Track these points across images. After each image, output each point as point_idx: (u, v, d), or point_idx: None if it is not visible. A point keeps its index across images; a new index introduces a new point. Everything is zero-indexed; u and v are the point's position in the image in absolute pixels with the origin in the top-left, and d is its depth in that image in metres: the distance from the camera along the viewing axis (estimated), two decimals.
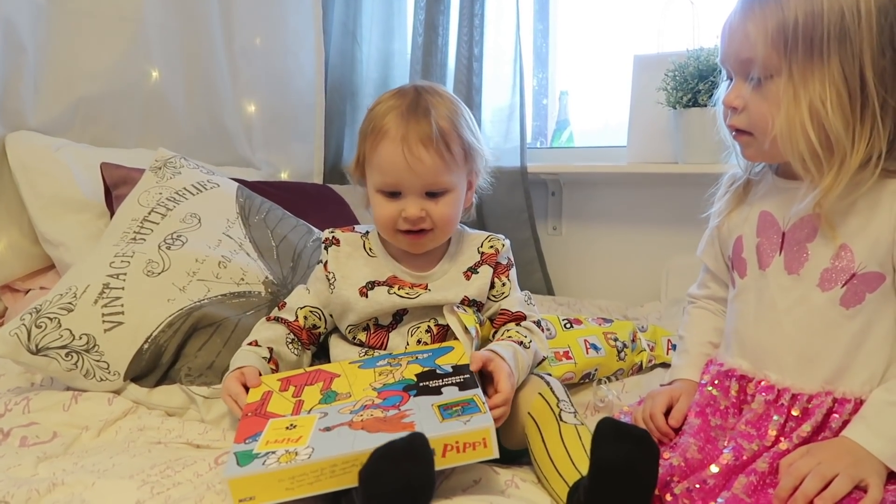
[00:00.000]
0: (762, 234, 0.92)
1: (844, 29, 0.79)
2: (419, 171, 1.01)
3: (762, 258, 0.91)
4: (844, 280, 0.84)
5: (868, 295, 0.84)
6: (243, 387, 0.99)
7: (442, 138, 1.01)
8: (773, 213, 0.91)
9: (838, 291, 0.84)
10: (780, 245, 0.89)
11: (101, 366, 1.13)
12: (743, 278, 0.94)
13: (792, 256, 0.88)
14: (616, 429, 0.77)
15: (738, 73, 0.88)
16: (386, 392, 0.92)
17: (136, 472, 0.91)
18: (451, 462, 0.79)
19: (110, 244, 1.27)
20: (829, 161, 0.82)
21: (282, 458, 0.78)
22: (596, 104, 2.24)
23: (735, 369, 0.92)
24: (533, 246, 2.06)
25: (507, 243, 1.14)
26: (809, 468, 0.77)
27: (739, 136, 0.91)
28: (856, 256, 0.83)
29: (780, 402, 0.86)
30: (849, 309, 0.84)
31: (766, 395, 0.87)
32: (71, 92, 1.73)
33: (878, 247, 0.83)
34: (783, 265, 0.89)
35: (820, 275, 0.85)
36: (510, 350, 0.99)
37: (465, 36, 2.05)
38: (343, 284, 1.09)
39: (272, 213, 1.45)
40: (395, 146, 1.00)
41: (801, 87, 0.81)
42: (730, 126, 0.91)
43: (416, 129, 1.00)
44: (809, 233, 0.87)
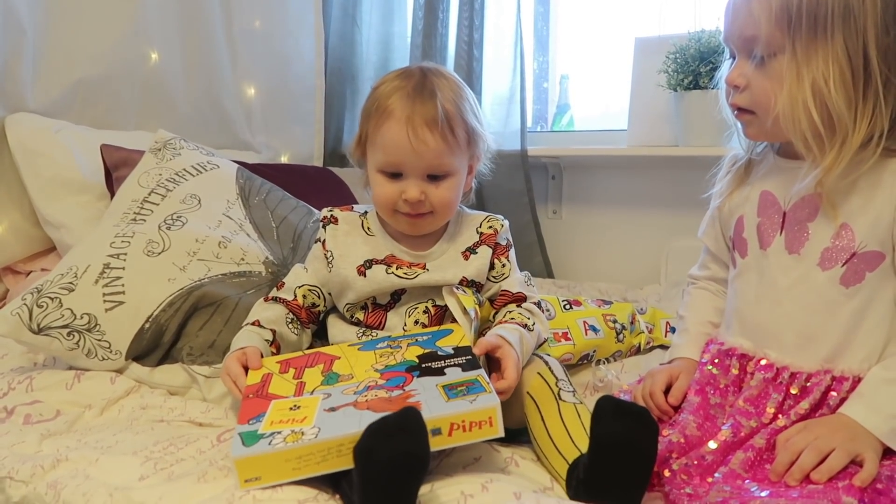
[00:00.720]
0: (763, 213, 0.92)
1: (848, 6, 0.79)
2: (423, 153, 1.00)
3: (763, 238, 0.91)
4: (845, 259, 0.84)
5: (868, 274, 0.84)
6: (243, 368, 0.99)
7: (447, 121, 1.00)
8: (774, 193, 0.91)
9: (838, 270, 0.84)
10: (780, 225, 0.89)
11: (102, 345, 1.14)
12: (744, 258, 0.94)
13: (793, 236, 0.88)
14: (616, 406, 0.77)
15: (742, 52, 0.88)
16: (389, 373, 0.92)
17: (139, 448, 0.92)
18: (457, 441, 0.80)
19: (111, 225, 1.28)
20: (830, 140, 0.82)
21: (288, 438, 0.78)
22: (597, 88, 2.24)
23: (735, 348, 0.93)
24: (533, 229, 2.06)
25: (506, 224, 1.14)
26: (806, 443, 0.77)
27: (742, 114, 0.91)
28: (856, 235, 0.84)
29: (779, 381, 0.87)
30: (849, 288, 0.84)
31: (766, 373, 0.88)
32: (70, 74, 1.72)
33: (879, 226, 0.83)
34: (784, 245, 0.89)
35: (820, 254, 0.85)
36: (516, 335, 0.99)
37: (465, 19, 2.04)
38: (341, 263, 1.09)
39: (272, 195, 1.45)
40: (399, 127, 1.00)
41: (805, 66, 0.81)
42: (732, 105, 0.91)
43: (421, 110, 1.00)
44: (810, 212, 0.87)
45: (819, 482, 0.75)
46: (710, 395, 0.92)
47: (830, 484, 0.74)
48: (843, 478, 0.75)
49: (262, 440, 0.79)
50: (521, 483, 0.82)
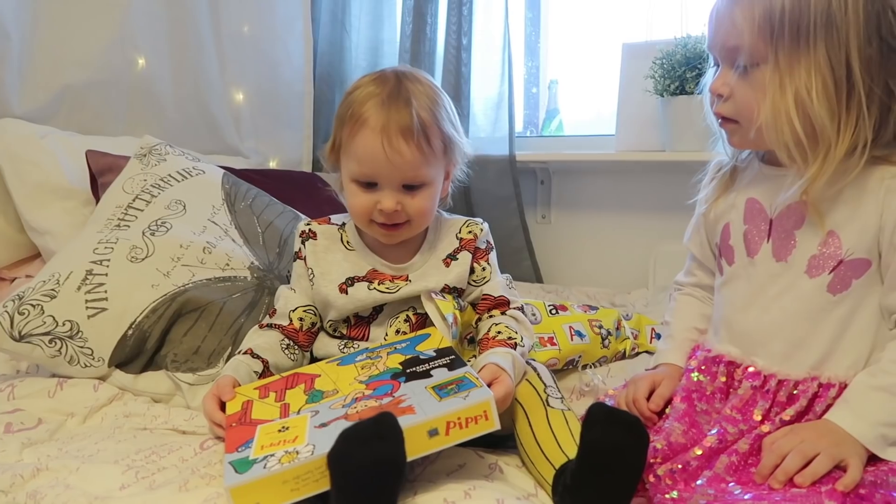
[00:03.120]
0: (749, 221, 0.92)
1: (831, 17, 0.79)
2: (398, 163, 0.98)
3: (750, 245, 0.91)
4: (832, 267, 0.84)
5: (854, 281, 0.84)
6: (219, 403, 0.96)
7: (423, 131, 0.98)
8: (760, 201, 0.91)
9: (826, 278, 0.85)
10: (767, 232, 0.90)
11: (85, 352, 1.13)
12: (731, 265, 0.94)
13: (780, 244, 0.88)
14: (607, 414, 0.77)
15: (725, 61, 0.88)
16: (374, 383, 0.91)
17: (120, 457, 0.92)
18: (455, 439, 0.79)
19: (94, 231, 1.27)
20: (813, 150, 0.82)
21: (283, 459, 0.77)
22: (586, 93, 2.24)
23: (723, 355, 0.93)
24: (522, 234, 2.06)
25: (485, 227, 1.13)
26: (792, 446, 0.78)
27: (725, 123, 0.91)
28: (843, 243, 0.84)
29: (767, 388, 0.87)
30: (836, 295, 0.85)
31: (753, 381, 0.88)
32: (56, 79, 1.72)
33: (865, 233, 0.83)
34: (771, 252, 0.89)
35: (808, 261, 0.86)
36: (509, 359, 0.97)
37: (453, 24, 2.04)
38: (322, 281, 1.07)
39: (258, 200, 1.45)
40: (374, 137, 0.97)
41: (787, 76, 0.81)
42: (716, 113, 0.91)
43: (396, 119, 0.97)
44: (797, 220, 0.87)
45: (802, 486, 0.75)
46: (697, 401, 0.92)
47: (813, 488, 0.74)
48: (826, 482, 0.75)
49: (255, 465, 0.78)
50: (504, 490, 0.82)
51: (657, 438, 0.86)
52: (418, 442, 0.78)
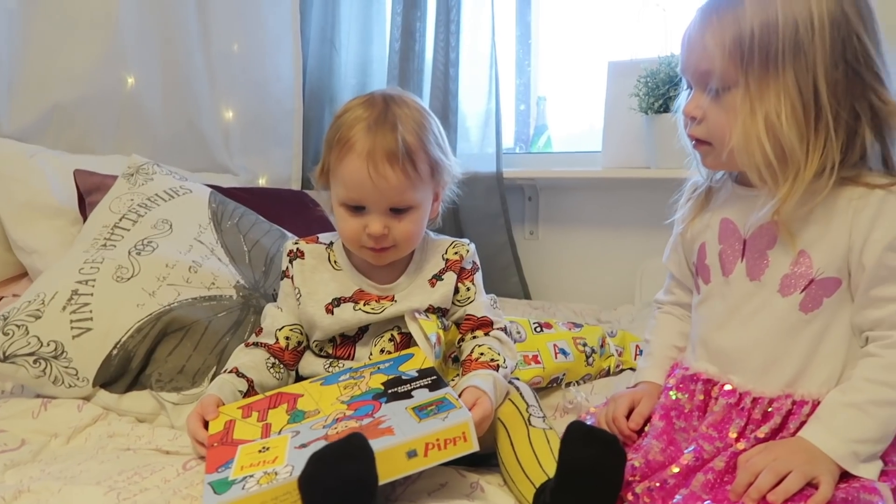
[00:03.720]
0: (724, 241, 0.93)
1: (798, 42, 0.80)
2: (383, 189, 0.99)
3: (725, 265, 0.93)
4: (803, 286, 0.85)
5: (825, 299, 0.85)
6: (203, 422, 0.97)
7: (408, 155, 0.99)
8: (734, 221, 0.93)
9: (798, 297, 0.86)
10: (741, 252, 0.91)
11: (69, 372, 1.13)
12: (707, 285, 0.96)
13: (753, 263, 0.89)
14: (585, 432, 0.78)
15: (697, 84, 0.89)
16: (356, 403, 0.91)
17: (103, 478, 0.92)
18: (433, 460, 0.80)
19: (80, 251, 1.28)
20: (783, 172, 0.83)
21: (262, 480, 0.77)
22: (575, 110, 2.26)
23: (700, 373, 0.93)
24: (509, 250, 2.07)
25: (471, 248, 1.14)
26: (765, 464, 0.78)
27: (699, 145, 0.92)
28: (814, 263, 0.85)
29: (742, 406, 0.87)
30: (808, 313, 0.86)
31: (728, 398, 0.89)
32: (45, 98, 1.73)
33: (835, 253, 0.84)
34: (745, 272, 0.90)
35: (780, 280, 0.87)
36: (490, 381, 0.98)
37: (441, 42, 2.07)
38: (308, 301, 1.08)
39: (245, 218, 1.45)
40: (360, 162, 0.99)
41: (758, 100, 0.82)
42: (690, 136, 0.92)
43: (382, 144, 0.98)
44: (769, 240, 0.88)
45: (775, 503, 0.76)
46: (675, 419, 0.93)
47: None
48: (798, 500, 0.76)
49: (234, 486, 0.78)
50: None
51: (635, 457, 0.87)
52: (397, 463, 0.78)
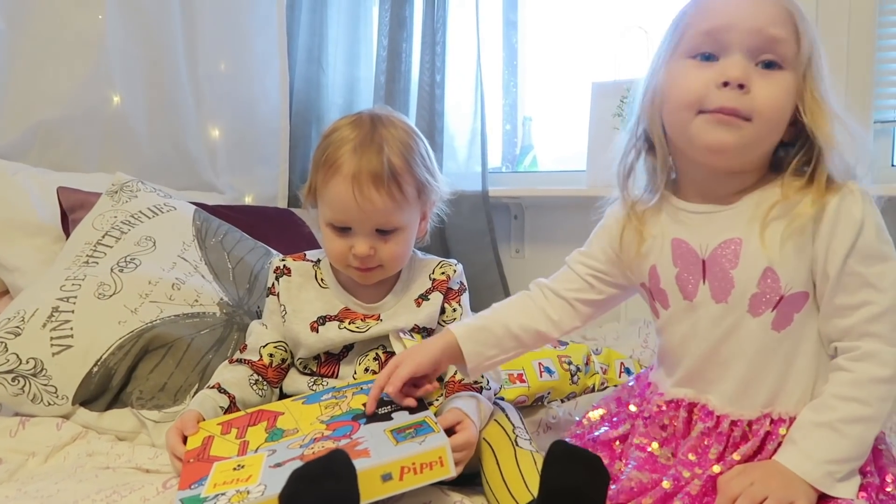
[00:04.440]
0: (679, 263, 0.89)
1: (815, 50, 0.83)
2: (369, 211, 1.00)
3: (685, 288, 0.89)
4: (774, 303, 0.84)
5: (796, 315, 0.84)
6: (182, 437, 0.96)
7: (394, 178, 0.99)
8: (688, 241, 0.89)
9: (769, 315, 0.84)
10: (702, 273, 0.87)
11: (48, 390, 1.12)
12: (667, 309, 0.92)
13: (717, 285, 0.86)
14: (567, 451, 0.77)
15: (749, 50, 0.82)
16: (335, 423, 0.91)
17: (80, 497, 0.90)
18: (409, 484, 0.79)
19: (62, 268, 1.27)
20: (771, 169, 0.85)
21: (233, 499, 0.77)
22: (560, 130, 2.28)
23: (682, 399, 0.90)
24: (496, 269, 2.07)
25: (458, 268, 1.14)
26: (742, 489, 0.77)
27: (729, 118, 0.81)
28: (781, 279, 0.83)
29: (720, 430, 0.86)
30: (780, 331, 0.84)
31: (706, 422, 0.87)
32: (30, 116, 1.72)
33: (801, 266, 0.83)
34: (710, 294, 0.87)
35: (748, 301, 0.84)
36: (473, 403, 0.98)
37: (427, 63, 2.08)
38: (294, 318, 1.08)
39: (229, 236, 1.45)
40: (346, 184, 0.99)
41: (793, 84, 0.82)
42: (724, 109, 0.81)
43: (367, 167, 0.99)
44: (731, 259, 0.85)
45: None
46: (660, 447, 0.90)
47: None
48: None
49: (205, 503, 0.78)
50: None
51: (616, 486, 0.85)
52: (372, 485, 0.77)
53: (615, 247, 0.97)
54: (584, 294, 0.99)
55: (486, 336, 0.97)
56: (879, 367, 0.79)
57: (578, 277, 1.00)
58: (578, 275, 1.00)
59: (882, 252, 0.81)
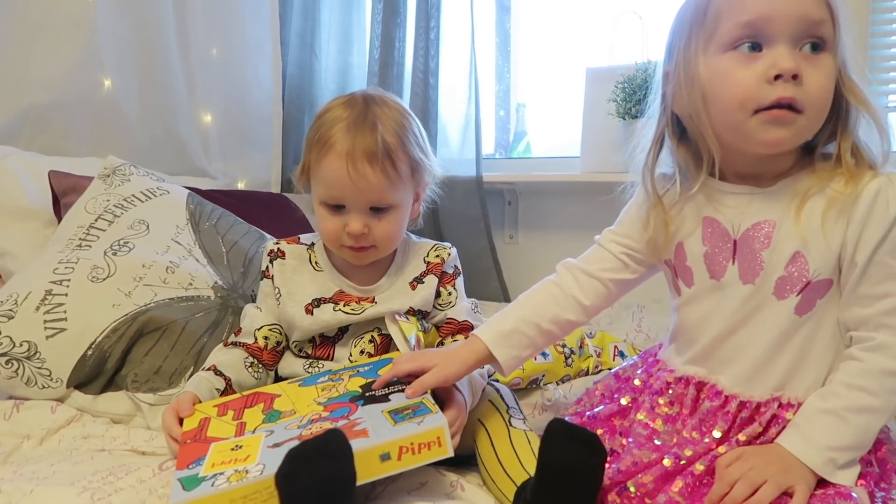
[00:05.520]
0: (709, 242, 0.89)
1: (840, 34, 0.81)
2: (363, 188, 1.00)
3: (713, 267, 0.89)
4: (800, 288, 0.83)
5: (818, 301, 0.83)
6: (178, 418, 0.96)
7: (388, 155, 0.99)
8: (721, 221, 0.88)
9: (794, 300, 0.84)
10: (732, 254, 0.87)
11: (42, 373, 1.11)
12: (691, 287, 0.92)
13: (747, 266, 0.86)
14: (566, 430, 0.78)
15: (792, 38, 0.80)
16: (332, 405, 0.91)
17: (77, 478, 0.90)
18: (407, 464, 0.79)
19: (55, 251, 1.26)
20: None
21: (231, 478, 0.77)
22: (553, 116, 2.28)
23: (691, 377, 0.91)
24: (489, 254, 2.08)
25: (453, 252, 1.14)
26: (741, 473, 0.78)
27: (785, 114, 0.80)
28: (810, 264, 0.83)
29: (727, 410, 0.86)
30: (802, 316, 0.84)
31: (714, 401, 0.87)
32: (19, 100, 1.71)
33: (831, 253, 0.82)
34: (738, 275, 0.87)
35: (775, 283, 0.84)
36: (465, 378, 0.97)
37: (420, 49, 2.08)
38: (288, 301, 1.08)
39: (223, 220, 1.45)
40: (339, 161, 0.99)
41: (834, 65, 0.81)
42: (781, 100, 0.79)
43: (361, 144, 0.99)
44: (762, 241, 0.85)
45: None
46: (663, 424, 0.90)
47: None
48: None
49: (203, 483, 0.77)
50: None
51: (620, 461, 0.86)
52: (370, 466, 0.78)
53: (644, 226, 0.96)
54: (618, 274, 0.98)
55: (519, 338, 0.95)
56: (891, 360, 0.79)
57: (613, 256, 0.98)
58: (612, 254, 0.99)
59: None
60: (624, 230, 0.99)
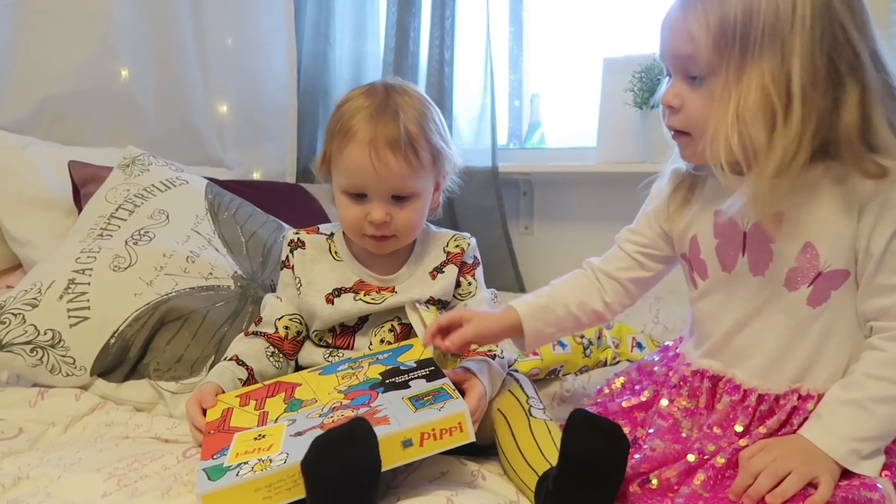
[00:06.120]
0: (720, 235, 0.89)
1: (777, 28, 0.77)
2: (385, 175, 1.00)
3: (725, 260, 0.89)
4: (811, 279, 0.83)
5: (833, 292, 0.83)
6: (201, 409, 0.97)
7: (410, 143, 1.00)
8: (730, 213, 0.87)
9: (805, 291, 0.83)
10: (742, 246, 0.87)
11: (66, 361, 1.13)
12: (705, 280, 0.92)
13: (756, 257, 0.86)
14: (589, 420, 0.78)
15: (677, 71, 0.85)
16: (353, 392, 0.92)
17: (102, 465, 0.91)
18: (429, 450, 0.80)
19: (77, 240, 1.27)
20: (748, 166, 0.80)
21: (256, 467, 0.78)
22: (568, 106, 2.27)
23: (706, 370, 0.91)
24: (505, 245, 2.08)
25: (472, 242, 1.15)
26: (764, 465, 0.78)
27: (677, 136, 0.88)
28: (821, 255, 0.82)
29: (746, 404, 0.86)
30: (815, 307, 0.83)
31: (733, 395, 0.87)
32: (38, 91, 1.72)
33: (843, 243, 0.82)
34: (748, 267, 0.87)
35: (786, 275, 0.84)
36: (483, 366, 0.99)
37: (436, 39, 2.07)
38: (309, 291, 1.08)
39: (242, 210, 1.45)
40: (362, 149, 0.99)
41: (734, 89, 0.79)
42: (668, 126, 0.88)
43: (383, 132, 0.99)
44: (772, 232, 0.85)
45: None
46: (682, 419, 0.90)
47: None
48: (797, 501, 0.75)
49: (228, 472, 0.78)
50: (486, 497, 0.83)
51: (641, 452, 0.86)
52: (392, 452, 0.78)
53: (663, 219, 0.98)
54: (634, 273, 1.01)
55: (548, 315, 0.99)
56: None
57: (628, 256, 1.01)
58: (628, 253, 1.01)
59: None
60: (638, 228, 1.02)
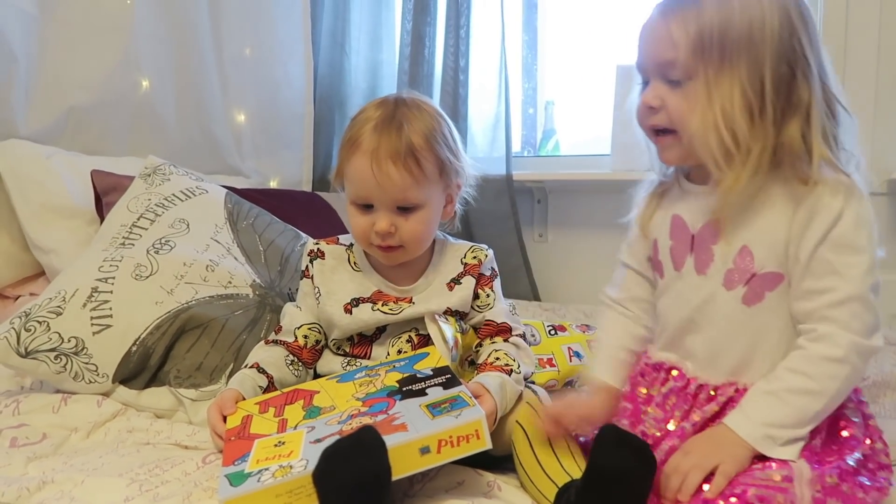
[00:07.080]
0: (674, 237, 0.95)
1: (752, 37, 0.83)
2: (387, 186, 1.01)
3: (676, 260, 0.95)
4: (746, 280, 0.88)
5: (768, 293, 0.87)
6: (222, 415, 0.98)
7: (412, 154, 1.00)
8: (683, 217, 0.94)
9: (740, 290, 0.88)
10: (690, 247, 0.93)
11: (89, 368, 1.15)
12: (662, 279, 0.98)
13: (700, 257, 0.92)
14: (618, 436, 0.79)
15: (656, 75, 0.89)
16: (371, 400, 0.92)
17: (124, 470, 0.93)
18: (446, 457, 0.81)
19: (99, 249, 1.29)
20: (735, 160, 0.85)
21: (277, 473, 0.79)
22: (582, 113, 2.28)
23: (663, 362, 0.96)
24: (519, 253, 2.09)
25: (490, 253, 1.15)
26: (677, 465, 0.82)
27: (660, 137, 0.91)
28: (755, 257, 0.87)
29: (687, 391, 0.91)
30: (751, 307, 0.88)
31: (676, 382, 0.93)
32: (62, 101, 1.75)
33: (776, 247, 0.86)
34: (693, 266, 0.92)
35: (724, 275, 0.89)
36: (497, 381, 0.99)
37: (451, 47, 2.09)
38: (328, 300, 1.09)
39: (260, 219, 1.47)
40: (364, 160, 1.01)
41: (715, 89, 0.84)
42: (650, 126, 0.91)
43: (386, 143, 1.00)
44: (713, 235, 0.90)
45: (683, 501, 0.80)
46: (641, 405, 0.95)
47: None
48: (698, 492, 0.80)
49: (250, 478, 0.79)
50: None
51: None
52: (410, 459, 0.79)
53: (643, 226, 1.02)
54: (649, 287, 1.03)
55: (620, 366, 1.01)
56: (832, 348, 0.83)
57: (636, 273, 1.04)
58: (635, 270, 1.04)
59: (856, 244, 0.83)
60: (632, 240, 1.05)
